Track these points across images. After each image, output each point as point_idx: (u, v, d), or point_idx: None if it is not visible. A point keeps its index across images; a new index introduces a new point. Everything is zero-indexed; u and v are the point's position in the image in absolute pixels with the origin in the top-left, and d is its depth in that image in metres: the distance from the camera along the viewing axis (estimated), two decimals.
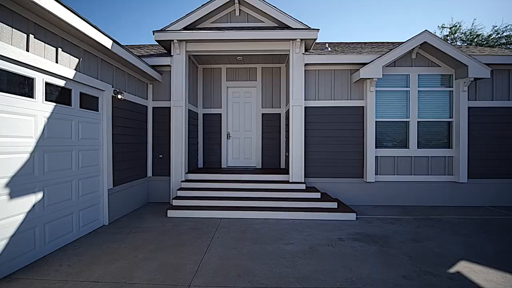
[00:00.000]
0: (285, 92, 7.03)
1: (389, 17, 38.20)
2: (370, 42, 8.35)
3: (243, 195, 5.31)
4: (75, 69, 3.66)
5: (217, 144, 7.21)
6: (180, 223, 4.45)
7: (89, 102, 4.10)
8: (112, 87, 4.55)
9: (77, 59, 3.72)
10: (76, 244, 3.53)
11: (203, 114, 7.22)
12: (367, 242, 3.68)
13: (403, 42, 5.64)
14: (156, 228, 4.22)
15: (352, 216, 4.71)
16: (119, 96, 4.59)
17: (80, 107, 3.85)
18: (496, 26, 17.31)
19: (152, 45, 8.32)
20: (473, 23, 19.52)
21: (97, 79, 4.16)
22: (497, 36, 16.97)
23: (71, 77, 3.56)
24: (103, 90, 4.32)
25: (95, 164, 4.19)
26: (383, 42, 8.23)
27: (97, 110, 4.26)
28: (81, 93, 3.86)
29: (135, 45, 8.37)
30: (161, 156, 6.01)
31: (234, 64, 7.08)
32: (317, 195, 5.25)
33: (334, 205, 4.99)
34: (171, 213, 4.84)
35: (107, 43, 3.98)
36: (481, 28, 18.23)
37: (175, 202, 5.10)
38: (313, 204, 5.01)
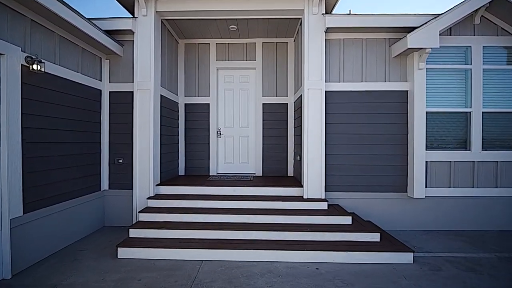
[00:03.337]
0: (293, 75, 5.31)
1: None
2: (404, 14, 6.56)
3: (237, 219, 3.58)
4: None
5: (204, 144, 5.46)
6: (133, 275, 2.70)
7: None
8: (23, 51, 2.80)
9: None
10: None
11: (185, 105, 5.46)
12: None
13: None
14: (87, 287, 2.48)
15: (407, 258, 3.01)
16: (36, 67, 2.83)
17: None
18: None
19: None
20: None
21: None
22: None
23: None
24: (1, 54, 2.58)
25: None
26: (425, 14, 6.39)
27: None
28: None
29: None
30: (121, 160, 4.26)
31: (226, 38, 5.33)
32: (347, 219, 3.55)
33: (374, 236, 3.29)
34: (123, 253, 3.09)
35: None
36: None
37: (133, 233, 3.35)
38: (342, 235, 3.29)
